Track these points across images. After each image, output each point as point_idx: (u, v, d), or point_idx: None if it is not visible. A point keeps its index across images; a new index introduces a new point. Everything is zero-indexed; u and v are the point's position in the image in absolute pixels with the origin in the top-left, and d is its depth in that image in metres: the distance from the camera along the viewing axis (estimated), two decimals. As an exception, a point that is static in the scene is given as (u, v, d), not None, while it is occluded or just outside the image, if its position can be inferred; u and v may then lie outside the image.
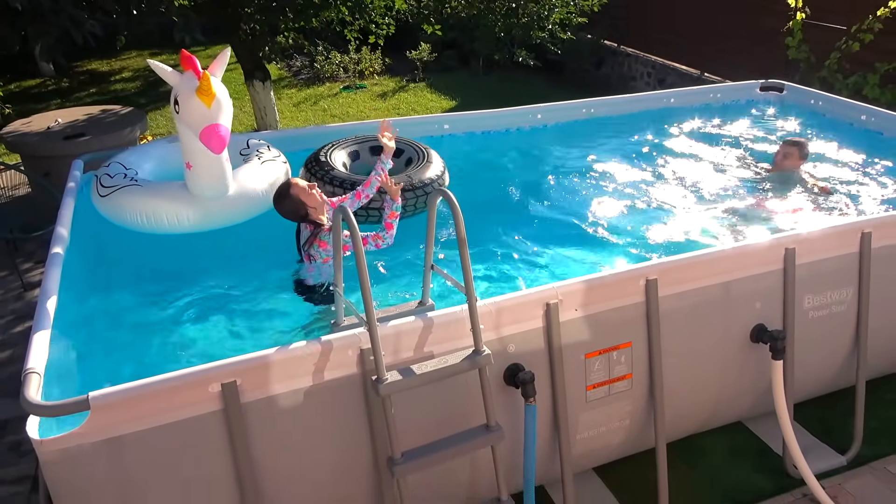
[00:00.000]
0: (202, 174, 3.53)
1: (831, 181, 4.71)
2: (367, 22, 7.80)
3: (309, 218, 3.23)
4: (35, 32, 4.26)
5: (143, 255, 3.57)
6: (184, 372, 2.27)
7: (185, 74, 3.34)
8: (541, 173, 4.81)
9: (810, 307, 3.23)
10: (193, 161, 3.50)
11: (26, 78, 11.14)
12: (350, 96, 9.92)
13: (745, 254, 3.06)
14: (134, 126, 6.11)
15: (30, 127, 6.02)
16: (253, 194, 3.71)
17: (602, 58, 10.75)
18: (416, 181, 3.87)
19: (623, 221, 4.23)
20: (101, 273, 3.52)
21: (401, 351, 2.52)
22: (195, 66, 3.30)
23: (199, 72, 3.29)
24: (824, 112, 5.52)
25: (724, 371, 3.16)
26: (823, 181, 4.70)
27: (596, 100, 5.50)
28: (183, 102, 3.31)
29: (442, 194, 2.44)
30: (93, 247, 3.58)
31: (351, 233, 2.25)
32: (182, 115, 3.33)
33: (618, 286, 2.83)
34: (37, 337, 2.41)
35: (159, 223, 3.55)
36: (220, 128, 3.25)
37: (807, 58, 7.19)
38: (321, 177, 3.87)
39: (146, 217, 3.54)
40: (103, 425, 2.18)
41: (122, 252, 3.59)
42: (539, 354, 2.73)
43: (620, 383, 2.93)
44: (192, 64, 3.30)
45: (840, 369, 3.45)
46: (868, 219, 3.35)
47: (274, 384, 2.36)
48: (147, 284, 3.51)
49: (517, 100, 8.69)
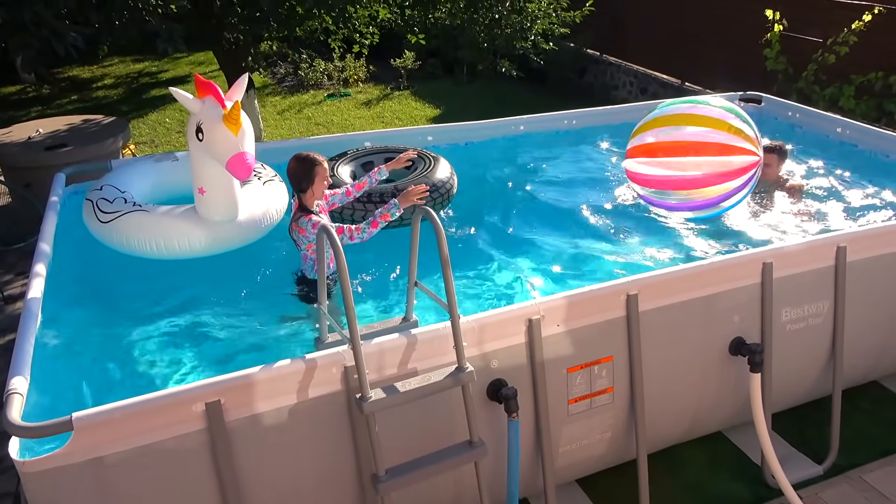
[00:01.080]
0: (217, 199, 3.51)
1: (809, 193, 4.80)
2: (351, 31, 7.83)
3: (304, 195, 3.23)
4: (16, 45, 4.23)
5: (126, 273, 3.56)
6: (167, 392, 2.28)
7: (206, 101, 3.29)
8: (523, 186, 4.85)
9: (788, 320, 3.30)
10: (208, 187, 3.47)
11: (6, 85, 11.03)
12: (334, 104, 9.93)
13: (724, 268, 3.12)
14: (116, 136, 6.08)
15: (10, 137, 5.97)
16: (259, 216, 3.72)
17: (585, 66, 10.86)
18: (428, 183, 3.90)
19: (605, 235, 4.28)
20: (84, 290, 3.49)
21: (385, 368, 2.54)
22: (216, 93, 3.27)
23: (220, 98, 3.27)
24: (801, 124, 5.62)
25: (704, 383, 3.21)
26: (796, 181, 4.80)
27: (578, 111, 5.56)
28: (209, 131, 3.24)
29: (424, 213, 2.47)
30: (75, 263, 3.56)
31: (335, 253, 2.27)
32: (207, 143, 3.27)
33: (599, 301, 2.88)
34: (19, 357, 2.39)
35: (170, 249, 3.49)
36: (248, 156, 3.22)
37: (785, 69, 7.33)
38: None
39: (156, 243, 3.48)
40: (86, 446, 2.17)
41: (104, 269, 3.57)
42: (522, 369, 2.76)
43: (602, 397, 2.97)
44: (213, 90, 3.27)
45: (817, 380, 3.52)
46: (843, 233, 3.42)
47: (258, 402, 2.37)
48: (130, 302, 3.49)
49: (501, 108, 8.76)
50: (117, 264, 3.55)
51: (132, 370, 3.08)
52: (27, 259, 5.19)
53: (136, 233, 3.49)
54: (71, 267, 3.50)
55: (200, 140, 3.29)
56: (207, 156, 3.36)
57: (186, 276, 3.55)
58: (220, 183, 3.46)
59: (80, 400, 2.68)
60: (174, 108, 9.98)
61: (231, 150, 3.21)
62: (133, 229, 3.50)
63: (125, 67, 12.52)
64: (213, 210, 3.53)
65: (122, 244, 3.53)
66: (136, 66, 12.55)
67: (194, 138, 3.33)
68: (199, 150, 3.35)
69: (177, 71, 12.21)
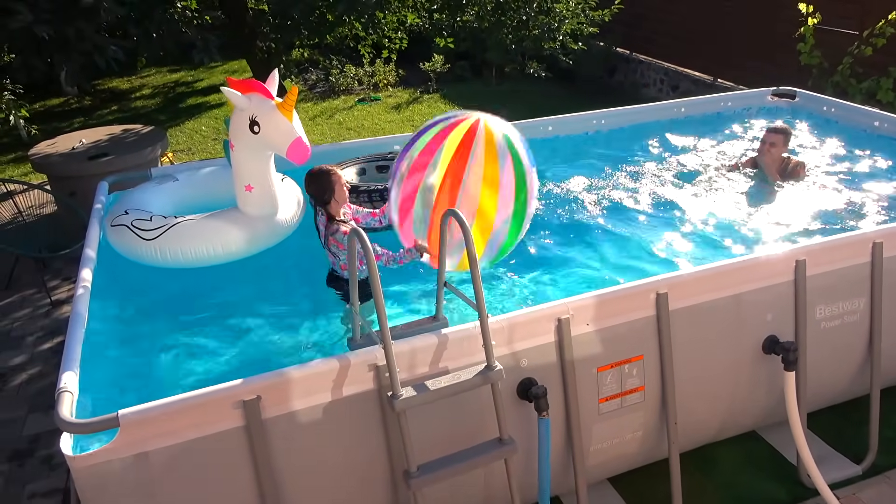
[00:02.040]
0: (263, 194, 3.62)
1: (844, 189, 4.72)
2: (380, 37, 7.94)
3: (328, 206, 3.31)
4: (60, 59, 4.42)
5: (167, 276, 3.67)
6: (208, 390, 2.36)
7: (252, 97, 3.38)
8: (551, 185, 4.86)
9: (822, 317, 3.25)
10: (256, 182, 3.57)
11: (50, 97, 11.43)
12: (365, 109, 10.05)
13: (756, 266, 3.10)
14: (155, 145, 6.27)
15: (55, 148, 6.20)
16: (291, 211, 3.84)
17: (614, 65, 10.79)
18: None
19: (634, 234, 4.27)
20: (127, 293, 3.62)
21: (415, 367, 2.59)
22: (261, 88, 3.38)
23: (267, 92, 3.38)
24: (837, 118, 5.52)
25: (737, 382, 3.19)
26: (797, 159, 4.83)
27: (606, 111, 5.55)
28: (266, 121, 3.35)
29: (452, 214, 2.52)
30: (119, 266, 3.69)
31: (365, 254, 2.34)
32: (264, 134, 3.37)
33: (629, 300, 2.88)
34: (68, 357, 2.51)
35: (226, 251, 3.57)
36: (305, 139, 3.39)
37: (819, 63, 7.18)
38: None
39: (210, 248, 3.54)
40: (132, 441, 2.27)
41: (146, 273, 3.69)
42: (551, 368, 2.78)
43: (633, 395, 2.98)
44: (257, 86, 3.38)
45: (854, 378, 3.47)
46: (879, 229, 3.36)
47: (294, 400, 2.44)
48: (171, 305, 3.61)
49: (530, 109, 8.76)
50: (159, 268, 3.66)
51: (174, 369, 3.19)
52: (73, 265, 5.39)
53: (189, 241, 3.52)
54: (115, 271, 3.63)
55: (256, 133, 3.38)
56: (259, 150, 3.45)
57: (224, 278, 3.65)
58: (267, 178, 3.58)
59: (125, 398, 2.79)
60: (210, 116, 10.22)
61: (290, 135, 3.33)
62: (185, 238, 3.53)
63: (162, 77, 12.86)
64: (259, 206, 3.61)
65: (174, 256, 3.55)
66: (172, 76, 12.88)
67: (248, 133, 3.40)
68: (252, 145, 3.45)
69: (212, 80, 12.50)
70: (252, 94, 3.39)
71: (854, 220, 4.33)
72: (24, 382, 4.27)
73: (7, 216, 5.86)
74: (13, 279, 5.40)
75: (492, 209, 2.93)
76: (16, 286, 5.38)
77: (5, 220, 5.85)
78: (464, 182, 2.88)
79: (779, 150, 4.78)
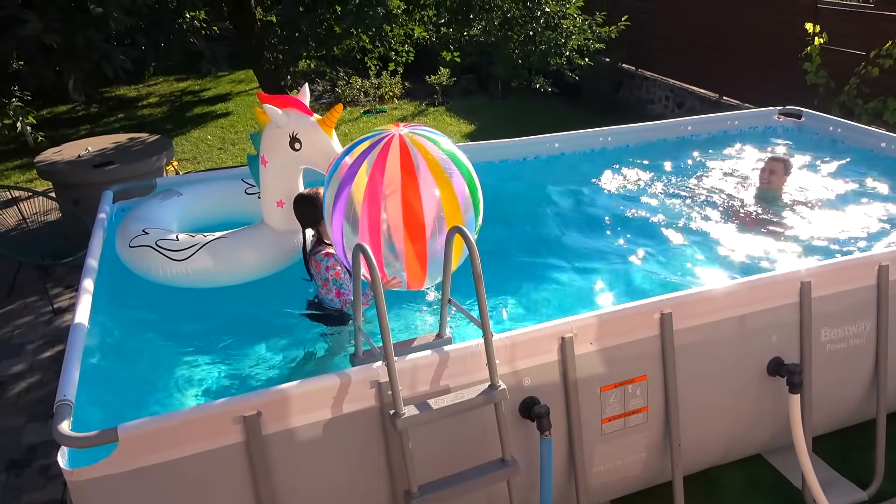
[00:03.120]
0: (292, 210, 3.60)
1: (849, 210, 4.70)
2: (387, 50, 7.97)
3: (319, 226, 3.28)
4: (68, 68, 4.44)
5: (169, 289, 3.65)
6: (208, 405, 2.35)
7: (291, 114, 3.37)
8: (557, 203, 4.85)
9: (827, 340, 3.23)
10: (287, 198, 3.52)
11: (57, 104, 11.49)
12: (371, 120, 10.09)
13: (760, 287, 3.08)
14: (160, 154, 6.28)
15: (61, 155, 6.21)
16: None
17: (620, 81, 10.82)
18: None
19: (638, 253, 4.24)
20: (129, 305, 3.61)
21: (417, 384, 2.57)
22: (300, 105, 3.40)
23: (305, 108, 3.40)
24: (843, 139, 5.50)
25: (741, 404, 3.16)
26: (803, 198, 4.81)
27: (613, 128, 5.54)
28: (308, 139, 3.36)
29: (458, 230, 2.51)
30: (121, 277, 3.68)
31: (371, 273, 2.32)
32: (306, 150, 3.38)
33: (632, 320, 2.86)
34: (68, 368, 2.49)
35: (252, 270, 3.54)
36: None
37: (826, 83, 7.19)
38: None
39: (241, 268, 3.51)
40: (131, 456, 2.25)
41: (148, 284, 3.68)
42: (554, 387, 2.76)
43: (636, 416, 2.95)
44: (296, 102, 3.39)
45: (860, 402, 3.43)
46: (886, 252, 3.34)
47: (294, 416, 2.42)
48: (173, 317, 3.59)
49: (535, 124, 8.78)
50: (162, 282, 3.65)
51: (175, 383, 3.17)
52: (75, 273, 5.39)
53: (223, 260, 3.47)
54: (117, 281, 3.62)
55: (297, 150, 3.38)
56: (294, 167, 3.47)
57: (227, 292, 3.63)
58: (296, 193, 3.56)
59: (124, 411, 2.77)
60: (215, 125, 10.26)
61: (331, 151, 3.34)
62: (219, 257, 3.47)
63: (169, 86, 12.93)
64: (289, 221, 3.55)
65: (207, 276, 3.48)
66: (179, 85, 12.95)
67: (286, 150, 3.40)
68: (289, 162, 3.44)
69: (218, 89, 12.56)
70: (290, 109, 3.37)
71: (860, 242, 4.30)
72: (24, 391, 4.26)
73: (11, 223, 5.87)
74: (15, 286, 5.39)
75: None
76: (18, 293, 5.38)
77: (9, 226, 5.86)
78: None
79: (778, 178, 4.79)
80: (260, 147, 3.50)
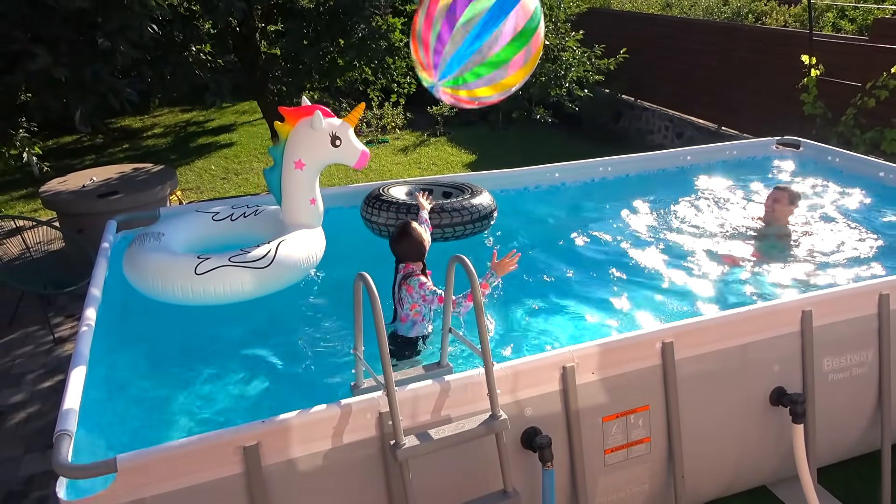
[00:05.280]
0: (320, 205, 4.07)
1: (849, 239, 4.71)
2: (389, 82, 8.09)
3: (424, 257, 3.39)
4: (76, 100, 4.51)
5: (172, 317, 3.66)
6: (207, 435, 2.34)
7: (325, 118, 3.87)
8: (558, 232, 4.87)
9: (830, 369, 3.22)
10: (316, 195, 4.03)
11: (63, 134, 11.61)
12: (373, 150, 10.18)
13: (762, 316, 3.08)
14: (164, 184, 6.33)
15: (66, 185, 6.27)
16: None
17: (620, 111, 10.94)
18: (465, 204, 4.29)
19: (639, 282, 4.25)
20: (130, 334, 3.61)
21: (418, 414, 2.56)
22: (326, 111, 3.91)
23: (331, 113, 3.95)
24: (842, 168, 5.55)
25: (745, 434, 3.14)
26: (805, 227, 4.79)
27: (613, 158, 5.60)
28: (346, 136, 3.89)
29: (459, 260, 2.52)
30: (123, 307, 3.69)
31: (372, 302, 2.33)
32: (344, 146, 3.89)
33: (634, 349, 2.86)
34: (69, 399, 2.48)
35: (312, 264, 3.88)
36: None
37: (823, 113, 7.27)
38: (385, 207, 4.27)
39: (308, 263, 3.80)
40: (130, 487, 2.23)
41: (150, 314, 3.68)
42: (556, 418, 2.75)
43: (639, 447, 2.93)
44: (322, 109, 3.89)
45: (864, 433, 3.40)
46: (885, 280, 3.35)
47: (294, 447, 2.41)
48: (173, 346, 3.59)
49: (536, 154, 8.85)
50: (162, 310, 3.65)
51: (175, 413, 3.16)
52: (77, 302, 5.39)
53: (297, 257, 3.73)
54: (119, 311, 3.63)
55: (338, 146, 3.87)
56: (323, 165, 3.95)
57: (228, 321, 3.64)
58: (318, 190, 4.06)
59: (124, 441, 2.76)
60: (219, 155, 10.35)
61: (359, 146, 3.95)
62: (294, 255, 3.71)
63: (174, 117, 13.08)
64: (320, 216, 4.07)
65: (290, 275, 3.70)
66: (184, 116, 13.10)
67: (329, 148, 3.87)
68: (324, 160, 3.94)
69: (222, 120, 12.70)
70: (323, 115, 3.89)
71: (860, 270, 4.31)
72: (23, 421, 4.23)
73: (15, 251, 5.89)
74: (17, 315, 5.39)
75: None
76: (19, 322, 5.38)
77: (13, 255, 5.88)
78: None
79: (783, 207, 4.75)
80: (292, 153, 3.89)
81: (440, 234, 4.20)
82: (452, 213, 4.22)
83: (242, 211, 4.22)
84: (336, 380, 3.31)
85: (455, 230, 4.24)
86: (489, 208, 4.39)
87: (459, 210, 4.24)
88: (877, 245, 4.61)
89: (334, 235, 4.20)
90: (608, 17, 12.21)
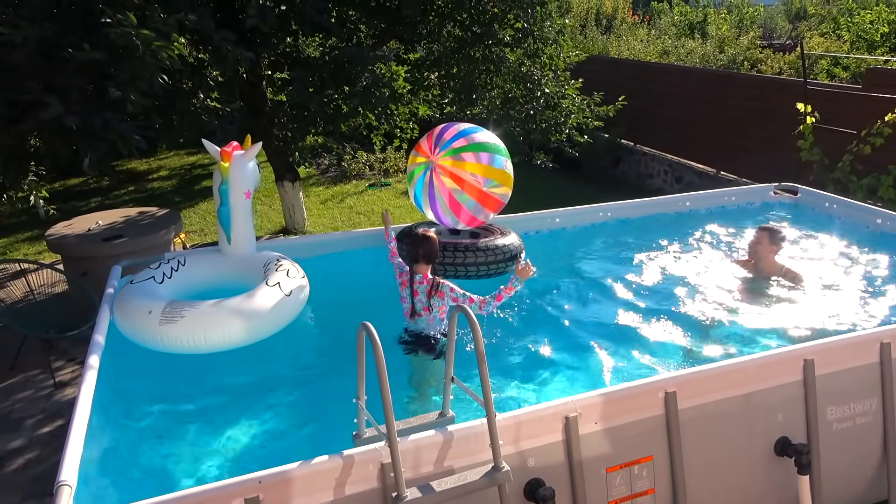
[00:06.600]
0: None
1: (848, 287, 4.72)
2: (392, 127, 8.23)
3: (434, 264, 3.85)
4: (85, 147, 4.59)
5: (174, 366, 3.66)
6: (208, 487, 2.32)
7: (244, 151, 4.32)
8: (559, 279, 4.90)
9: (834, 419, 3.20)
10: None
11: (69, 177, 11.76)
12: (376, 193, 10.28)
13: (764, 365, 3.08)
14: (169, 227, 6.39)
15: (71, 229, 6.33)
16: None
17: (619, 156, 11.08)
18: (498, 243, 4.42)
19: (640, 330, 4.25)
20: (133, 381, 3.61)
21: (421, 465, 2.54)
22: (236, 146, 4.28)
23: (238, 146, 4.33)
24: (839, 215, 5.60)
25: (750, 485, 3.11)
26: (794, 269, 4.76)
27: (613, 204, 5.66)
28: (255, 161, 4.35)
29: (461, 310, 2.54)
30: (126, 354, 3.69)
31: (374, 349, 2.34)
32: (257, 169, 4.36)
33: (637, 399, 2.86)
34: (70, 448, 2.48)
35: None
36: None
37: (820, 159, 7.37)
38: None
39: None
40: (128, 540, 2.22)
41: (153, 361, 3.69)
42: (559, 468, 2.73)
43: (643, 498, 2.90)
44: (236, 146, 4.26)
45: (871, 482, 3.37)
46: (886, 328, 3.36)
47: (295, 499, 2.39)
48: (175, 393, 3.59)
49: (537, 198, 8.93)
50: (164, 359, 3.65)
51: (175, 463, 3.13)
52: (79, 346, 5.39)
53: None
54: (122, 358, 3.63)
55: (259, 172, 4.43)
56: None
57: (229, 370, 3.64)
58: None
59: (124, 492, 2.73)
60: (223, 198, 10.45)
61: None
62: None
63: (179, 160, 13.26)
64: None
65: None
66: (189, 159, 13.28)
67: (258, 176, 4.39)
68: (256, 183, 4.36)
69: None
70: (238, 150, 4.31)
71: (858, 318, 4.31)
72: (21, 467, 4.19)
73: (18, 294, 5.92)
74: (18, 359, 5.38)
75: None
76: (21, 366, 5.36)
77: (17, 298, 5.90)
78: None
79: (764, 248, 4.72)
80: (240, 186, 4.20)
81: (475, 272, 4.37)
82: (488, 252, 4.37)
83: (171, 266, 4.20)
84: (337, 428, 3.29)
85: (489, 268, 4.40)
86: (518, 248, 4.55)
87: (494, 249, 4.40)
88: (875, 292, 4.62)
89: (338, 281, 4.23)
90: (607, 64, 12.47)
